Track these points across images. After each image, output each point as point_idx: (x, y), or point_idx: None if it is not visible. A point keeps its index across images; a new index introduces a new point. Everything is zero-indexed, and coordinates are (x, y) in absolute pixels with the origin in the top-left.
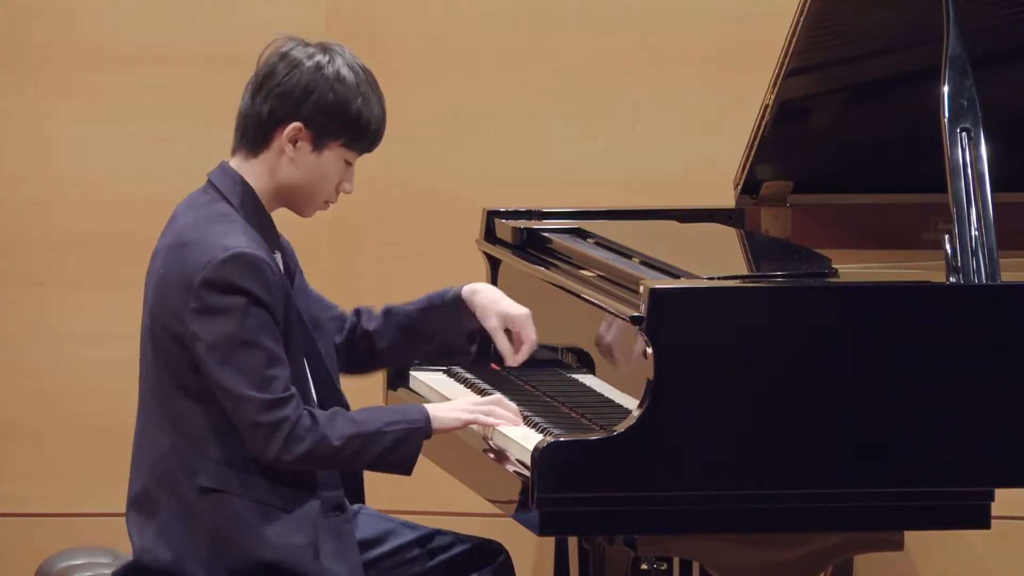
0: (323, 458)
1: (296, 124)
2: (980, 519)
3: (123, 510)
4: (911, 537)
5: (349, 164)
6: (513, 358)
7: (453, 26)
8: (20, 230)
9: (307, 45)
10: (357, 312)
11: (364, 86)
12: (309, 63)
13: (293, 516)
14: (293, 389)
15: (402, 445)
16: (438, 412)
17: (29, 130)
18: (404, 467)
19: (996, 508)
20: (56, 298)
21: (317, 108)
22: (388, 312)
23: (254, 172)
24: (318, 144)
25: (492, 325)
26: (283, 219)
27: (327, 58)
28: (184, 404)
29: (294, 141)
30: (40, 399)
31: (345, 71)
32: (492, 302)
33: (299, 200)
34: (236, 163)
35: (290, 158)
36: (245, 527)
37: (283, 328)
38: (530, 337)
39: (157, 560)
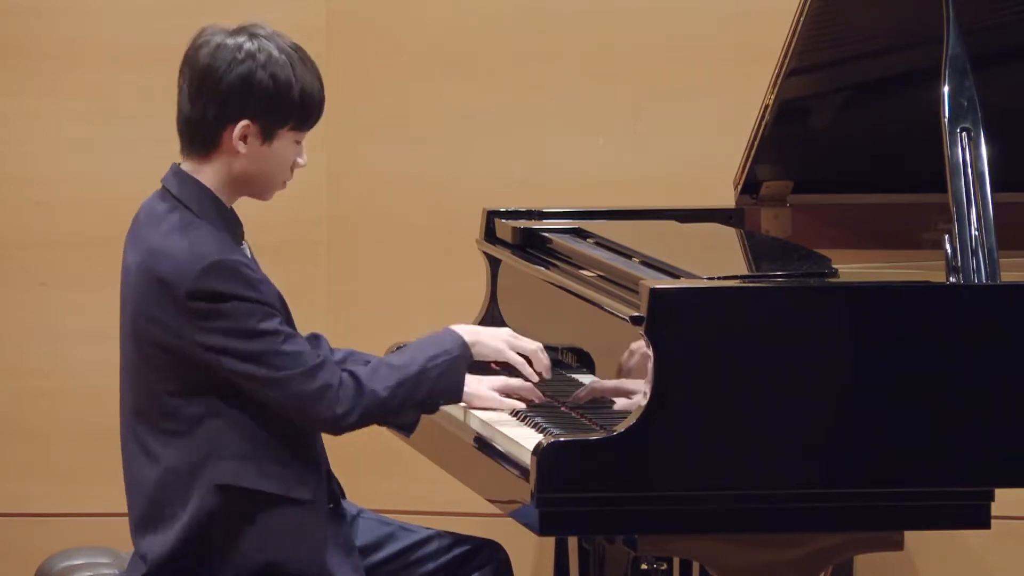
0: (376, 412)
1: (244, 122)
2: (980, 519)
3: (123, 510)
4: (911, 537)
5: (298, 142)
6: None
7: (453, 26)
8: (20, 230)
9: (234, 35)
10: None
11: (298, 65)
12: (241, 55)
13: (306, 509)
14: (322, 354)
15: (446, 377)
16: (479, 337)
17: (29, 130)
18: (454, 395)
19: (996, 508)
20: (56, 298)
21: (260, 101)
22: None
23: (209, 173)
24: (268, 135)
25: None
26: (282, 218)
27: (256, 45)
28: (192, 411)
29: (244, 138)
30: (40, 399)
31: (277, 54)
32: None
33: (259, 188)
34: (189, 167)
35: (243, 154)
36: (259, 523)
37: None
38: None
39: (166, 560)
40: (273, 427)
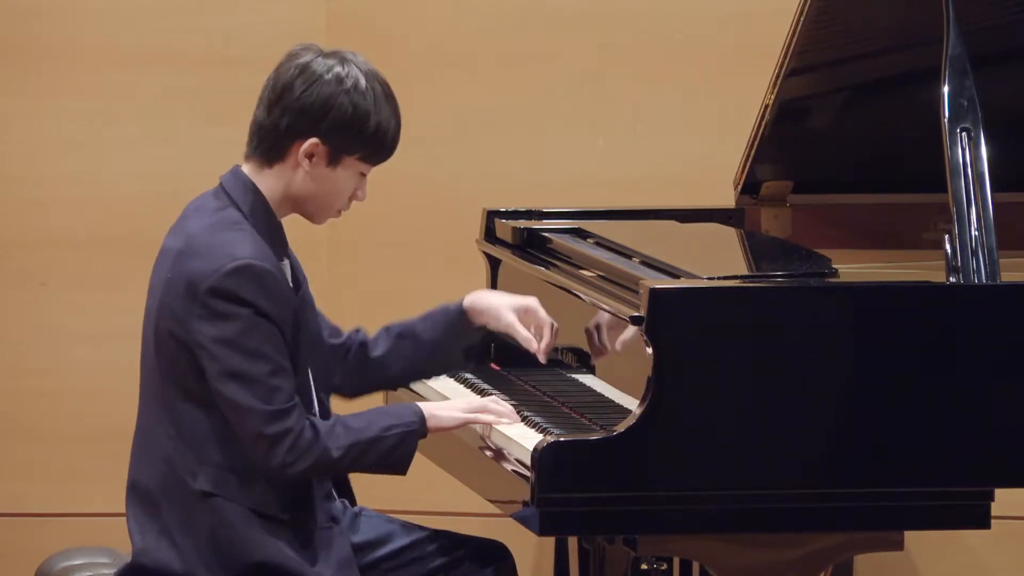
0: (324, 468)
1: (313, 140)
2: (980, 519)
3: (123, 510)
4: (911, 537)
5: (363, 175)
6: (539, 348)
7: (453, 26)
8: (20, 230)
9: (326, 57)
10: (363, 344)
11: (381, 99)
12: (328, 76)
13: (290, 525)
14: (296, 399)
15: (399, 448)
16: (434, 411)
17: (29, 130)
18: (400, 468)
19: (996, 508)
20: (56, 298)
21: (335, 124)
22: (387, 328)
23: (267, 182)
24: (334, 159)
25: (508, 320)
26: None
27: (345, 71)
28: (186, 408)
29: (310, 156)
30: (40, 399)
31: (363, 84)
32: (500, 299)
33: (312, 210)
34: (249, 170)
35: (306, 172)
36: (241, 534)
37: (290, 339)
38: (548, 320)
39: (158, 562)
40: None
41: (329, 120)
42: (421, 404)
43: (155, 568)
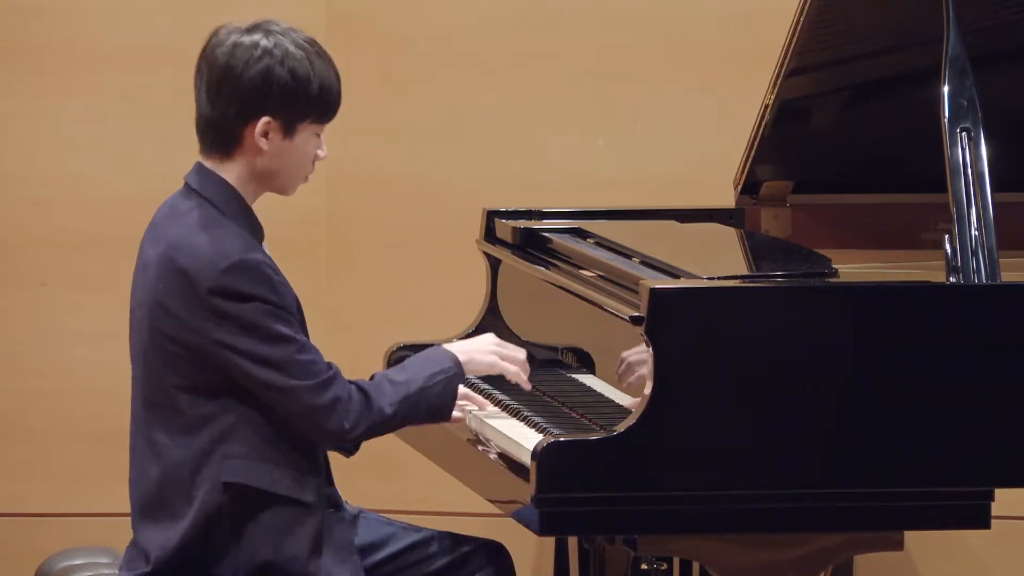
0: (380, 427)
1: (264, 119)
2: (980, 519)
3: (123, 510)
4: (911, 537)
5: (318, 135)
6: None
7: (454, 26)
8: (20, 230)
9: (248, 33)
10: None
11: (315, 58)
12: (258, 52)
13: (308, 511)
14: (335, 367)
15: (443, 395)
16: (472, 355)
17: (28, 130)
18: (444, 415)
19: (996, 508)
20: (56, 298)
21: (280, 97)
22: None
23: (232, 171)
24: (289, 130)
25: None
26: (282, 218)
27: (272, 42)
28: (203, 407)
29: (266, 135)
30: (40, 399)
31: (293, 49)
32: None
33: (281, 184)
34: (212, 165)
35: (265, 151)
36: (262, 522)
37: (298, 320)
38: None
39: (180, 565)
40: (281, 428)
41: (272, 95)
42: (452, 347)
43: (167, 565)
